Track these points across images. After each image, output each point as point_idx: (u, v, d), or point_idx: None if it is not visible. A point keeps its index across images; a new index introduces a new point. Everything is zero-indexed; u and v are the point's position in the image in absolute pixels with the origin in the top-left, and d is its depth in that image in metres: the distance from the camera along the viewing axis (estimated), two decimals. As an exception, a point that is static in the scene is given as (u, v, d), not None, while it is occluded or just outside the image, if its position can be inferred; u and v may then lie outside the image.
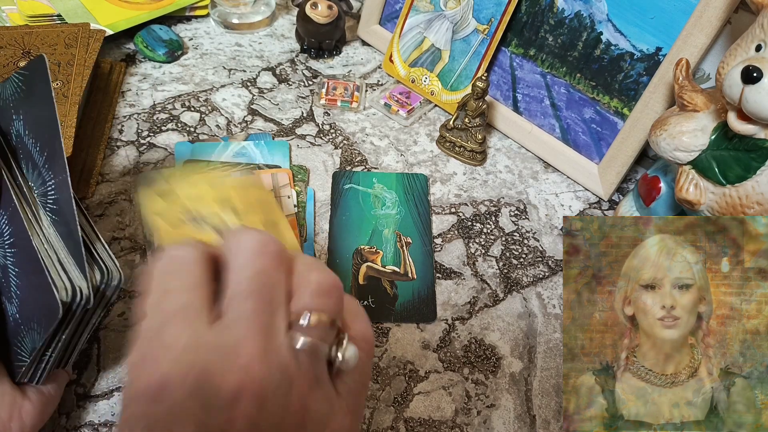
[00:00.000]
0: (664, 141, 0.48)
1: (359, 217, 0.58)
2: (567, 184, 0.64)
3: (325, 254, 0.55)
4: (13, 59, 0.62)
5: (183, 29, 0.79)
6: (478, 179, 0.64)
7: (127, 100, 0.68)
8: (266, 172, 0.59)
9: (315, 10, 0.71)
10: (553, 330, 0.52)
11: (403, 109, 0.70)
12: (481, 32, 0.66)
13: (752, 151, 0.43)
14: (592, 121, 0.62)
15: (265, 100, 0.70)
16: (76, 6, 0.75)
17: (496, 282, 0.55)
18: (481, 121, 0.63)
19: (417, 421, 0.46)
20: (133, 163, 0.62)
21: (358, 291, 0.53)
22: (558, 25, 0.62)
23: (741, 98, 0.40)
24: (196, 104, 0.69)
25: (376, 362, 0.49)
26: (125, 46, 0.75)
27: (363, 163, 0.64)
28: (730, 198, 0.44)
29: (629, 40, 0.57)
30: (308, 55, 0.77)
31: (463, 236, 0.58)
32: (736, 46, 0.43)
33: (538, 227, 0.60)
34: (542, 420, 0.46)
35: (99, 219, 0.56)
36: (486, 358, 0.50)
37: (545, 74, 0.64)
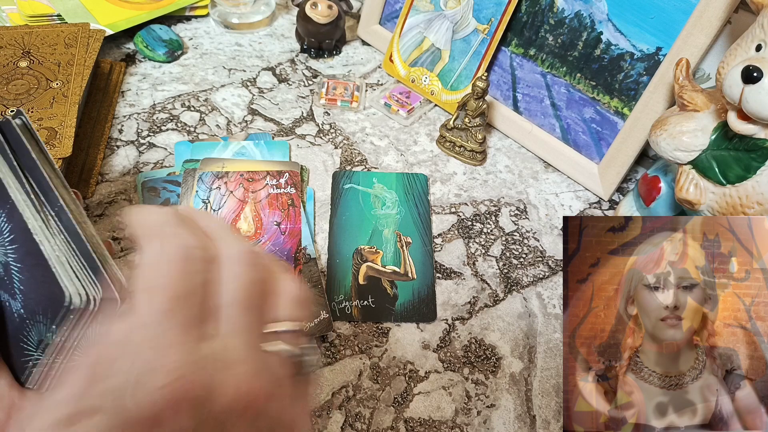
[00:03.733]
0: (664, 141, 0.48)
1: (359, 217, 0.58)
2: (567, 184, 0.64)
3: (325, 254, 0.55)
4: (13, 59, 0.62)
5: (183, 29, 0.79)
6: (478, 179, 0.64)
7: (127, 100, 0.68)
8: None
9: (315, 9, 0.71)
10: (553, 330, 0.52)
11: (403, 108, 0.69)
12: (481, 32, 0.66)
13: (752, 151, 0.43)
14: (592, 120, 0.62)
15: (265, 99, 0.70)
16: (76, 6, 0.75)
17: (496, 282, 0.55)
18: (481, 121, 0.63)
19: (417, 421, 0.46)
20: (133, 163, 0.62)
21: (358, 291, 0.53)
22: (558, 24, 0.62)
23: (741, 98, 0.40)
24: (196, 104, 0.69)
25: (376, 362, 0.49)
26: (125, 46, 0.75)
27: (363, 163, 0.64)
28: (730, 198, 0.44)
29: (629, 40, 0.57)
30: (308, 55, 0.77)
31: (463, 236, 0.58)
32: (736, 46, 0.43)
33: (538, 227, 0.60)
34: (542, 420, 0.46)
35: (99, 219, 0.56)
36: (486, 358, 0.50)
37: (545, 74, 0.64)
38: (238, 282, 0.24)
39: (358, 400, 0.46)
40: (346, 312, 0.51)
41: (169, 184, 0.59)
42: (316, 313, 0.50)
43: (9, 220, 0.35)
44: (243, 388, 0.22)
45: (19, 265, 0.34)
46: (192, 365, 0.21)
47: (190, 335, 0.22)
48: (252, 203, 0.57)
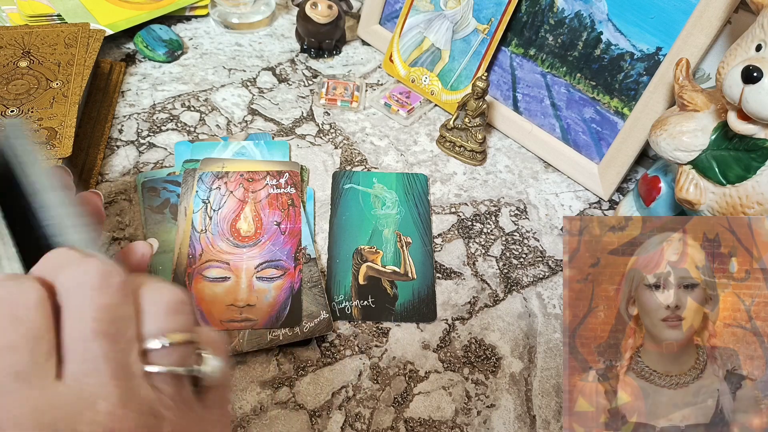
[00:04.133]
0: (664, 141, 0.48)
1: (359, 217, 0.58)
2: (567, 184, 0.64)
3: (325, 254, 0.55)
4: (13, 59, 0.62)
5: (183, 29, 0.79)
6: (478, 179, 0.64)
7: (127, 99, 0.68)
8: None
9: (315, 9, 0.71)
10: (553, 330, 0.52)
11: (403, 108, 0.70)
12: (481, 32, 0.66)
13: (752, 151, 0.43)
14: (592, 120, 0.62)
15: (265, 99, 0.70)
16: (76, 6, 0.75)
17: (496, 282, 0.55)
18: (481, 121, 0.63)
19: (417, 421, 0.46)
20: (132, 163, 0.62)
21: (358, 291, 0.53)
22: (558, 24, 0.62)
23: (741, 98, 0.40)
24: (196, 104, 0.69)
25: (376, 362, 0.49)
26: (125, 46, 0.75)
27: (363, 163, 0.64)
28: (730, 198, 0.44)
29: (629, 40, 0.57)
30: (308, 55, 0.77)
31: (463, 236, 0.58)
32: (736, 46, 0.43)
33: (538, 227, 0.60)
34: (542, 420, 0.46)
35: (99, 219, 0.56)
36: (486, 358, 0.50)
37: (545, 74, 0.64)
38: (83, 312, 0.21)
39: (358, 400, 0.46)
40: (346, 312, 0.51)
41: (169, 184, 0.59)
42: (316, 313, 0.50)
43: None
44: (109, 425, 0.20)
45: None
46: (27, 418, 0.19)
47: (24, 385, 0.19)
48: (252, 203, 0.57)
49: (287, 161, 0.63)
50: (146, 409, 0.21)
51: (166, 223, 0.56)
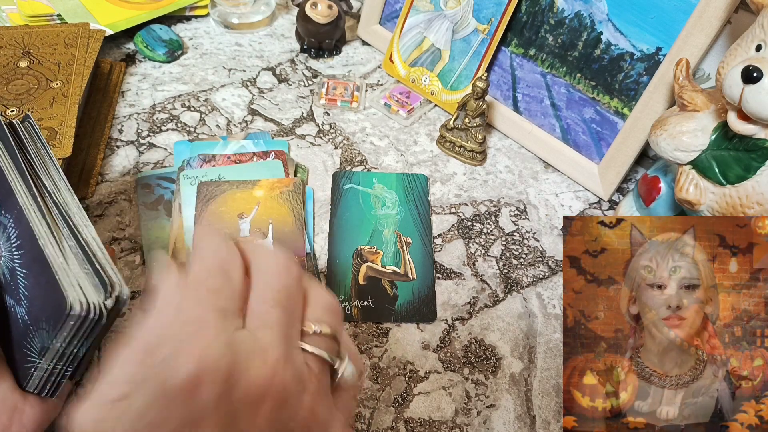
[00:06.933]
0: (664, 141, 0.48)
1: (359, 217, 0.58)
2: (567, 184, 0.64)
3: (325, 254, 0.55)
4: (13, 59, 0.62)
5: (183, 29, 0.79)
6: (478, 179, 0.64)
7: (127, 100, 0.68)
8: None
9: (315, 9, 0.71)
10: (553, 330, 0.52)
11: (403, 109, 0.69)
12: (481, 32, 0.66)
13: (752, 151, 0.43)
14: (592, 121, 0.62)
15: (264, 99, 0.70)
16: (76, 6, 0.75)
17: (496, 282, 0.55)
18: (481, 121, 0.63)
19: (417, 421, 0.46)
20: (133, 163, 0.62)
21: (358, 291, 0.53)
22: (558, 25, 0.62)
23: (741, 98, 0.40)
24: (196, 104, 0.69)
25: (376, 362, 0.49)
26: (125, 46, 0.75)
27: (363, 163, 0.64)
28: (730, 198, 0.44)
29: (629, 40, 0.57)
30: (308, 55, 0.77)
31: (463, 236, 0.58)
32: (736, 46, 0.43)
33: (538, 227, 0.60)
34: (542, 420, 0.46)
35: (99, 219, 0.56)
36: (486, 359, 0.50)
37: (545, 74, 0.64)
38: (268, 286, 0.27)
39: (358, 400, 0.46)
40: (346, 312, 0.51)
41: (163, 180, 0.59)
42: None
43: (17, 225, 0.35)
44: (267, 372, 0.24)
45: (25, 270, 0.34)
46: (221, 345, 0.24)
47: (223, 322, 0.25)
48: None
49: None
50: (298, 373, 0.25)
51: (160, 220, 0.56)
